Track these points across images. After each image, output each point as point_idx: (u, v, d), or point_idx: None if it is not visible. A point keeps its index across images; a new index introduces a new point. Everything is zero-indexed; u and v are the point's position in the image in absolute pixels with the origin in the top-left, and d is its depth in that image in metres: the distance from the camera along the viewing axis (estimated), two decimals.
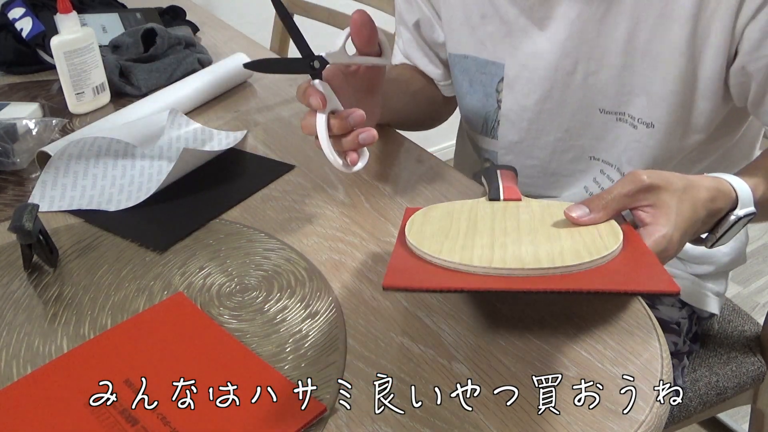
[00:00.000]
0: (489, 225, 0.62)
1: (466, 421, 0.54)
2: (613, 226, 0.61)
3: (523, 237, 0.59)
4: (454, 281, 0.54)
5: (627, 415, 0.54)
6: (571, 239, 0.58)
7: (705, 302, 0.95)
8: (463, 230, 0.61)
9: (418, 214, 0.66)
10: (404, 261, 0.57)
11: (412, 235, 0.60)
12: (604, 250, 0.56)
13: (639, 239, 0.60)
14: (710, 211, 0.64)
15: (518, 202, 0.68)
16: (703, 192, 0.64)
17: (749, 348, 1.00)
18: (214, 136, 0.93)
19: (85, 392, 0.55)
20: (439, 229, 0.61)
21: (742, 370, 0.98)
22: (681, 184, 0.63)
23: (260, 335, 0.62)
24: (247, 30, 1.36)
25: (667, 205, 0.61)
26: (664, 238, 0.60)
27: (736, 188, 0.66)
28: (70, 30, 0.99)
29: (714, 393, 0.96)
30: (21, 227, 0.67)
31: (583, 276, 0.53)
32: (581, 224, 0.61)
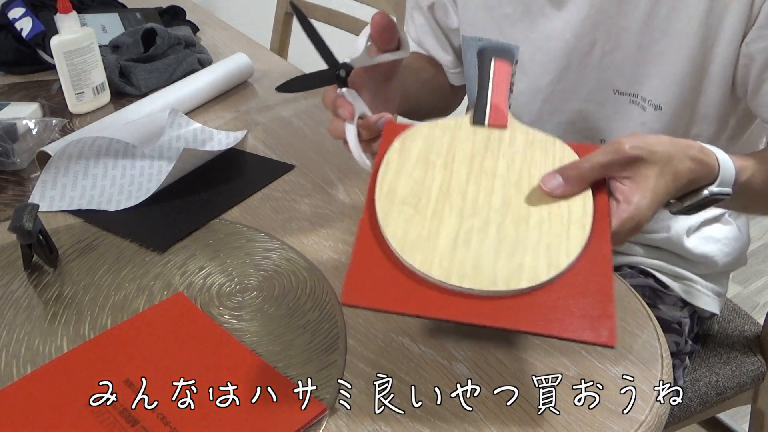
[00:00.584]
0: (463, 186, 0.60)
1: (466, 421, 0.54)
2: (584, 206, 0.59)
3: (491, 218, 0.57)
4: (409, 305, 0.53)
5: (627, 415, 0.54)
6: (539, 229, 0.57)
7: (705, 302, 0.95)
8: (435, 194, 0.59)
9: (395, 148, 0.63)
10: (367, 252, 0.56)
11: (382, 198, 0.59)
12: (565, 260, 0.55)
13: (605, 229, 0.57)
14: (689, 181, 0.62)
15: (502, 132, 0.65)
16: (687, 162, 0.61)
17: (749, 348, 1.00)
18: (214, 136, 0.93)
19: (85, 392, 0.55)
20: (411, 188, 0.59)
21: (742, 370, 0.98)
22: (665, 154, 0.60)
23: (260, 335, 0.62)
24: (247, 30, 1.36)
25: (645, 180, 0.59)
26: (631, 220, 0.58)
27: (720, 164, 0.64)
28: (70, 30, 0.99)
29: (714, 393, 0.96)
30: (21, 227, 0.67)
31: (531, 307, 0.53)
32: (555, 196, 0.59)
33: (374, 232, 0.57)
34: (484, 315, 0.52)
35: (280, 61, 1.24)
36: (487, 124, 0.65)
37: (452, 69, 0.99)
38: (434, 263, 0.54)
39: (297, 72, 1.17)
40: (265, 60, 1.21)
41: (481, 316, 0.52)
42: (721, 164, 0.64)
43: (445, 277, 0.53)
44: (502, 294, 0.53)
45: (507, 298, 0.53)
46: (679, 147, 0.61)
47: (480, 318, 0.52)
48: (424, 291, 0.54)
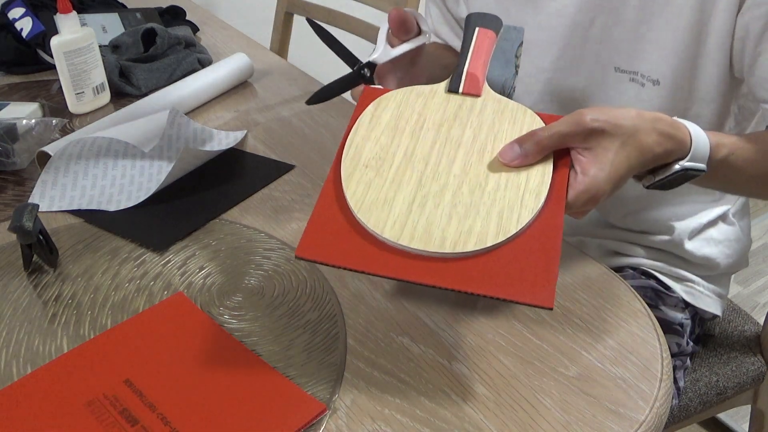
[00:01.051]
0: (426, 152, 0.61)
1: (466, 421, 0.54)
2: (543, 175, 0.59)
3: (450, 183, 0.59)
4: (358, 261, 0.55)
5: (627, 415, 0.54)
6: (494, 198, 0.58)
7: (707, 304, 0.95)
8: (398, 160, 0.61)
9: (369, 111, 0.65)
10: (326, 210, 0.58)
11: (348, 160, 0.61)
12: (513, 227, 0.56)
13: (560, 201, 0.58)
14: (657, 155, 0.61)
15: (475, 99, 0.66)
16: (653, 135, 0.61)
17: (749, 348, 1.00)
18: (214, 136, 0.93)
19: (85, 392, 0.56)
20: (376, 154, 0.61)
21: (742, 370, 0.98)
22: (630, 127, 0.59)
23: (260, 335, 0.62)
24: (247, 30, 1.36)
25: (604, 152, 0.58)
26: (587, 193, 0.58)
27: (693, 138, 0.63)
28: (70, 30, 0.99)
29: (714, 393, 0.96)
30: (21, 227, 0.67)
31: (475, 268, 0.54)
32: (513, 166, 0.60)
33: (336, 192, 0.59)
34: (429, 275, 0.54)
35: (280, 61, 1.24)
36: (461, 91, 0.67)
37: None
38: (387, 224, 0.56)
39: (297, 72, 1.17)
40: (265, 60, 1.21)
41: (426, 276, 0.54)
42: (693, 139, 0.63)
43: (395, 237, 0.55)
44: (448, 256, 0.54)
45: (453, 260, 0.54)
46: (646, 120, 0.61)
47: (425, 278, 0.54)
48: (375, 250, 0.55)
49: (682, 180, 0.64)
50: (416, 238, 0.55)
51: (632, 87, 0.82)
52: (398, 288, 0.67)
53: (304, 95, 1.09)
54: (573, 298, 0.66)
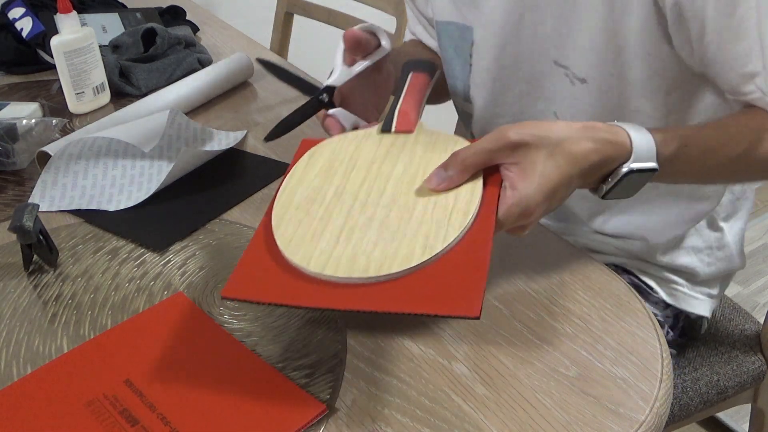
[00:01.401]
0: (356, 189, 0.62)
1: (466, 421, 0.54)
2: (473, 192, 0.59)
3: (377, 214, 0.59)
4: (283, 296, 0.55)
5: (627, 415, 0.54)
6: (420, 221, 0.58)
7: (692, 305, 0.92)
8: (328, 199, 0.61)
9: (303, 160, 0.67)
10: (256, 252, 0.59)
11: (279, 205, 0.62)
12: (440, 244, 0.55)
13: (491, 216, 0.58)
14: (594, 164, 0.60)
15: (408, 136, 0.67)
16: (585, 143, 0.59)
17: (750, 347, 1.00)
18: (214, 136, 0.93)
19: (85, 392, 0.56)
20: (308, 195, 0.62)
21: (742, 369, 0.98)
22: (555, 137, 0.59)
23: (260, 335, 0.62)
24: (247, 30, 1.36)
25: (532, 163, 0.58)
26: (517, 206, 0.57)
27: (633, 139, 0.62)
28: (70, 30, 0.99)
29: (714, 392, 0.96)
30: (21, 227, 0.67)
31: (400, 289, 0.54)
32: (441, 190, 0.60)
33: (266, 236, 0.60)
34: (354, 301, 0.53)
35: (280, 61, 1.23)
36: (394, 130, 0.68)
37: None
38: (312, 258, 0.56)
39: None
40: None
41: (352, 302, 0.53)
42: (633, 139, 0.62)
43: (320, 269, 0.55)
44: (373, 280, 0.54)
45: (379, 284, 0.54)
46: (575, 129, 0.60)
47: (350, 303, 0.53)
48: (301, 284, 0.55)
49: (637, 183, 0.63)
50: (341, 267, 0.55)
51: (565, 83, 0.80)
52: None
53: (304, 95, 1.09)
54: (573, 298, 0.66)
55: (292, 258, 0.57)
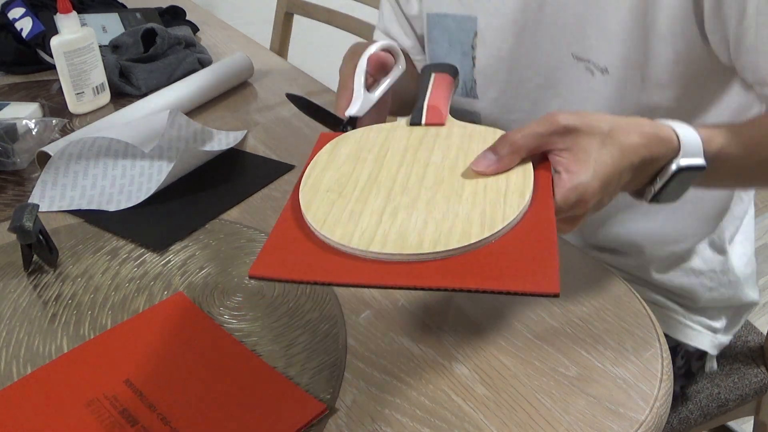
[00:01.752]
0: (393, 173, 0.58)
1: (466, 421, 0.54)
2: (525, 175, 0.56)
3: (421, 196, 0.55)
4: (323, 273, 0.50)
5: (627, 415, 0.54)
6: (473, 201, 0.54)
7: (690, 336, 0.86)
8: (363, 182, 0.57)
9: (326, 149, 0.62)
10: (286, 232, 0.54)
11: (306, 189, 0.57)
12: (499, 223, 0.51)
13: (548, 197, 0.54)
14: (644, 159, 0.57)
15: (440, 127, 0.64)
16: (634, 137, 0.56)
17: (752, 359, 0.96)
18: (214, 136, 0.93)
19: (85, 392, 0.56)
20: (338, 179, 0.58)
21: (744, 382, 0.95)
22: (606, 126, 0.56)
23: (260, 335, 0.62)
24: (247, 30, 1.36)
25: (584, 150, 0.55)
26: (575, 190, 0.53)
27: (679, 135, 0.59)
28: (70, 30, 0.99)
29: (715, 405, 0.93)
30: (21, 227, 0.67)
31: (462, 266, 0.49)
32: (489, 174, 0.56)
33: (295, 218, 0.55)
34: (409, 277, 0.49)
35: (280, 61, 1.24)
36: (424, 123, 0.64)
37: (416, 55, 0.98)
38: (354, 236, 0.51)
39: (297, 72, 1.17)
40: (265, 60, 1.21)
41: (405, 279, 0.48)
42: (680, 135, 0.59)
43: (365, 246, 0.50)
44: (429, 257, 0.50)
45: (435, 261, 0.49)
46: (623, 121, 0.57)
47: (404, 280, 0.48)
48: (343, 261, 0.50)
49: (685, 183, 0.60)
50: (389, 243, 0.50)
51: (586, 76, 0.77)
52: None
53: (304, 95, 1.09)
54: (573, 298, 0.66)
55: (330, 236, 0.51)
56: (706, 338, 0.87)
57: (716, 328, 0.88)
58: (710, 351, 0.88)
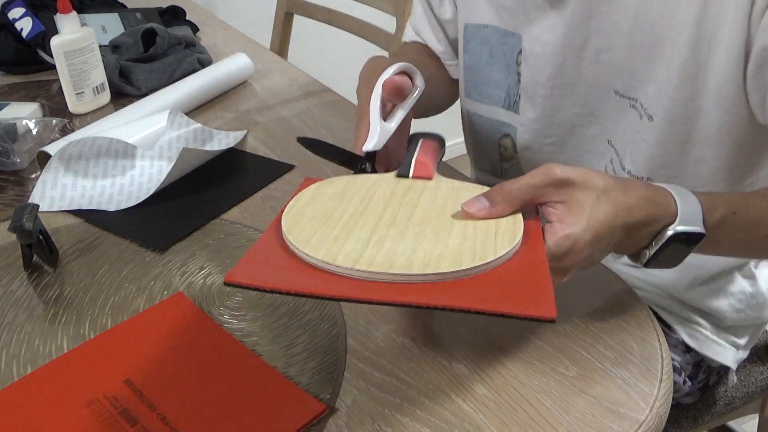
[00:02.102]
0: (380, 211, 0.57)
1: (466, 421, 0.54)
2: (515, 222, 0.55)
3: (409, 230, 0.54)
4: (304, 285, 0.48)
5: (627, 415, 0.54)
6: (462, 237, 0.53)
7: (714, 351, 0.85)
8: (348, 216, 0.56)
9: (310, 188, 0.60)
10: (266, 250, 0.53)
11: (290, 216, 0.56)
12: (491, 255, 0.50)
13: (539, 241, 0.54)
14: (638, 221, 0.56)
15: (427, 181, 0.62)
16: (630, 197, 0.56)
17: (758, 357, 0.97)
18: (214, 136, 0.93)
19: (85, 392, 0.56)
20: (322, 212, 0.56)
21: (750, 380, 0.95)
22: (602, 184, 0.55)
23: (260, 335, 0.62)
24: (247, 30, 1.36)
25: (579, 203, 0.54)
26: (567, 239, 0.53)
27: (678, 201, 0.58)
28: (70, 30, 0.99)
29: (723, 403, 0.93)
30: (21, 227, 0.67)
31: (454, 288, 0.48)
32: (478, 218, 0.55)
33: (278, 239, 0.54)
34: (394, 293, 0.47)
35: (280, 61, 1.24)
36: (412, 175, 0.63)
37: (448, 60, 0.96)
38: (339, 256, 0.50)
39: (297, 72, 1.17)
40: (265, 60, 1.21)
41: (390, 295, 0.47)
42: (678, 200, 0.58)
43: (351, 264, 0.49)
44: (418, 279, 0.48)
45: (425, 284, 0.48)
46: (620, 182, 0.57)
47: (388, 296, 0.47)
48: (322, 275, 0.49)
49: (682, 251, 0.59)
50: (376, 264, 0.49)
51: (632, 114, 0.76)
52: None
53: (304, 95, 1.09)
54: (573, 298, 0.66)
55: (313, 254, 0.50)
56: (730, 354, 0.87)
57: (739, 345, 0.88)
58: (732, 366, 0.88)
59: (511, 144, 0.90)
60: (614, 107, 0.78)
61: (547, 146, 0.86)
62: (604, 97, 0.78)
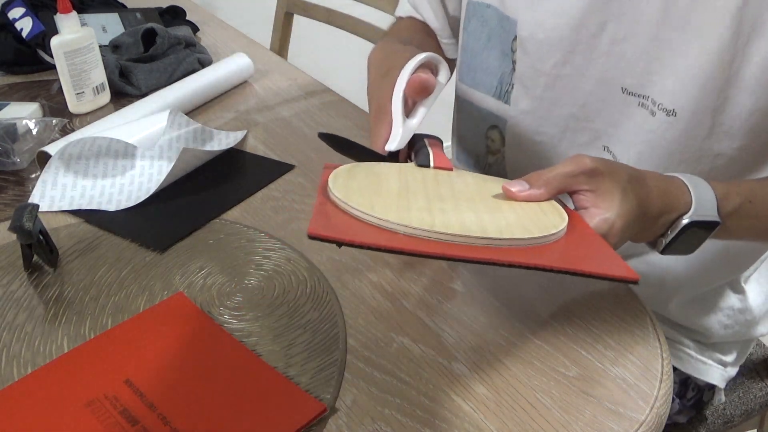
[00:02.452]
0: (422, 188, 0.56)
1: (466, 421, 0.54)
2: (555, 205, 0.57)
3: (461, 204, 0.54)
4: (393, 240, 0.46)
5: (627, 415, 0.54)
6: (514, 213, 0.54)
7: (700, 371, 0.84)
8: (395, 190, 0.54)
9: (342, 169, 0.58)
10: (330, 214, 0.50)
11: (338, 188, 0.53)
12: (553, 228, 0.52)
13: (583, 222, 0.56)
14: (655, 211, 0.58)
15: (449, 171, 0.62)
16: (648, 189, 0.58)
17: (756, 372, 0.96)
18: (214, 136, 0.93)
19: (85, 392, 0.56)
20: (367, 185, 0.55)
21: (749, 396, 0.94)
22: (626, 175, 0.57)
23: (260, 335, 0.62)
24: (247, 30, 1.36)
25: (609, 191, 0.56)
26: (605, 222, 0.55)
27: (692, 191, 0.59)
28: (70, 30, 0.99)
29: (721, 421, 0.92)
30: (21, 227, 0.67)
31: (536, 252, 0.48)
32: (520, 199, 0.57)
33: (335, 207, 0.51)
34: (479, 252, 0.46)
35: (280, 61, 1.24)
36: (433, 166, 0.62)
37: (445, 39, 0.93)
38: (412, 219, 0.49)
39: (297, 72, 1.17)
40: (265, 60, 1.21)
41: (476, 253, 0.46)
42: (693, 191, 0.59)
43: (428, 226, 0.47)
44: (496, 243, 0.48)
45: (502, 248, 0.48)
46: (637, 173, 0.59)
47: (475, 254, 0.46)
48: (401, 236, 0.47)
49: (698, 238, 0.60)
50: (453, 227, 0.48)
51: (640, 113, 0.73)
52: (398, 288, 0.67)
53: (304, 95, 1.09)
54: (573, 298, 0.66)
55: (384, 217, 0.48)
56: (717, 372, 0.86)
57: (726, 362, 0.87)
58: (719, 384, 0.87)
59: (499, 137, 0.87)
60: (617, 107, 0.75)
61: (536, 144, 0.83)
62: (607, 95, 0.75)
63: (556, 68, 0.76)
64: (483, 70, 0.85)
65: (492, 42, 0.82)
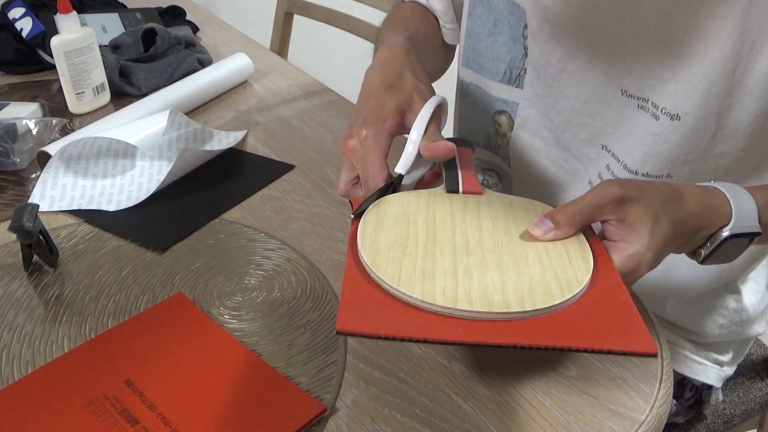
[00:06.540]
0: (450, 236, 0.58)
1: (466, 421, 0.54)
2: (581, 244, 0.57)
3: (487, 258, 0.55)
4: (416, 329, 0.49)
5: (627, 415, 0.54)
6: (540, 264, 0.55)
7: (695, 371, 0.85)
8: (422, 242, 0.57)
9: (371, 212, 0.60)
10: (359, 289, 0.53)
11: (366, 248, 0.56)
12: (576, 285, 0.53)
13: (610, 263, 0.56)
14: (694, 228, 0.58)
15: (478, 197, 0.63)
16: (686, 208, 0.57)
17: (756, 372, 0.96)
18: (214, 136, 0.93)
19: (85, 392, 0.56)
20: (395, 240, 0.57)
21: (749, 396, 0.94)
22: (659, 198, 0.56)
23: (260, 335, 0.62)
24: (247, 30, 1.36)
25: (639, 220, 0.55)
26: (632, 259, 0.55)
27: (732, 202, 0.58)
28: (70, 30, 0.99)
29: (721, 422, 0.92)
30: (21, 227, 0.67)
31: (555, 325, 0.50)
32: (545, 241, 0.57)
33: (362, 274, 0.54)
34: (501, 335, 0.49)
35: (280, 61, 1.24)
36: (462, 191, 0.64)
37: (447, 23, 0.91)
38: (437, 293, 0.51)
39: (297, 72, 1.17)
40: (265, 60, 1.21)
41: (498, 336, 0.49)
42: (732, 201, 0.59)
43: (452, 303, 0.50)
44: (517, 316, 0.50)
45: (524, 321, 0.50)
46: (675, 192, 0.58)
47: (497, 337, 0.49)
48: (427, 316, 0.50)
49: (738, 247, 0.60)
50: (476, 302, 0.50)
51: (640, 115, 0.73)
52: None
53: (304, 95, 1.09)
54: None
55: (410, 293, 0.51)
56: (713, 372, 0.86)
57: (723, 362, 0.87)
58: (716, 384, 0.87)
59: (507, 121, 0.87)
60: (616, 109, 0.75)
61: (543, 131, 0.83)
62: (607, 96, 0.75)
63: (561, 62, 0.77)
64: (489, 55, 0.84)
65: (499, 27, 0.81)
